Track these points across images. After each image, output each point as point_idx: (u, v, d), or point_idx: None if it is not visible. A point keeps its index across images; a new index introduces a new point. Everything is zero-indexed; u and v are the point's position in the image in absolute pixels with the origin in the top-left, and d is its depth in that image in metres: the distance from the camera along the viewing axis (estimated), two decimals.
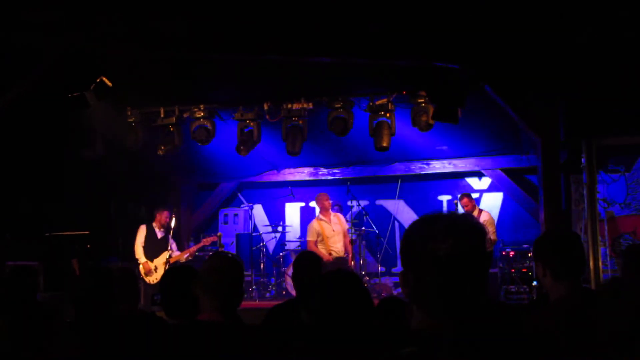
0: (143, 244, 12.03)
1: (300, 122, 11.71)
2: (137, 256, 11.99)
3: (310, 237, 12.22)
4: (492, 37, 8.95)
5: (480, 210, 12.59)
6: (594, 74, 9.29)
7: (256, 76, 11.05)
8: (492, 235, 12.13)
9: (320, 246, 11.97)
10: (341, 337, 3.09)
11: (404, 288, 2.15)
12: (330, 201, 12.41)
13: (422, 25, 8.88)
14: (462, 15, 8.76)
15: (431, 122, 11.00)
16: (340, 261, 11.90)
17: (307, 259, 6.10)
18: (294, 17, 8.83)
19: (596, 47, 9.00)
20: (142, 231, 12.14)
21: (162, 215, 12.25)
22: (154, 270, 11.88)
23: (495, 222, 13.10)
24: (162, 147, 12.34)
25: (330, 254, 11.87)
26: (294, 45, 9.11)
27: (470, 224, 2.12)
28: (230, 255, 4.04)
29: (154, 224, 12.22)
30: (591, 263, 10.19)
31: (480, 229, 2.14)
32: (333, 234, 12.10)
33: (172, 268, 4.95)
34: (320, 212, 12.36)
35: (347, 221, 12.72)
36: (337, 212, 12.75)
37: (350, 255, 12.34)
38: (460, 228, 2.09)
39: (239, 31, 8.85)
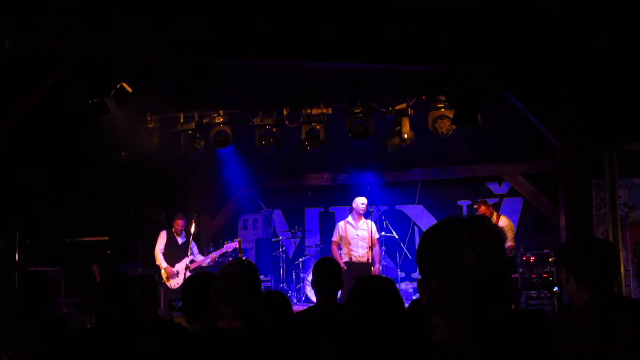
0: (163, 250, 12.06)
1: (318, 127, 11.68)
2: (157, 262, 12.02)
3: (334, 237, 12.30)
4: (513, 42, 8.90)
5: (499, 216, 12.53)
6: (615, 78, 9.23)
7: (275, 81, 11.06)
8: (510, 242, 12.07)
9: (344, 250, 11.96)
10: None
11: (424, 297, 2.09)
12: (365, 206, 12.32)
13: (441, 30, 8.86)
14: (482, 20, 8.74)
15: (451, 126, 10.95)
16: (361, 267, 11.83)
17: (326, 265, 6.09)
18: (314, 22, 8.82)
19: (617, 52, 8.94)
20: (162, 237, 12.17)
21: (176, 224, 12.27)
22: (175, 274, 11.91)
23: (515, 227, 13.04)
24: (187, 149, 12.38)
25: (350, 258, 11.83)
26: (314, 50, 9.11)
27: (494, 230, 2.07)
28: (245, 261, 4.05)
29: (173, 230, 12.25)
30: None
31: (502, 234, 2.09)
32: (357, 238, 12.04)
33: (193, 275, 4.95)
34: (352, 214, 12.34)
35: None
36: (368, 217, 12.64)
37: (378, 265, 12.24)
38: (486, 235, 2.03)
39: (259, 36, 8.85)
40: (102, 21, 8.68)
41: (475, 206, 12.62)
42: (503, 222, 12.32)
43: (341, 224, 12.29)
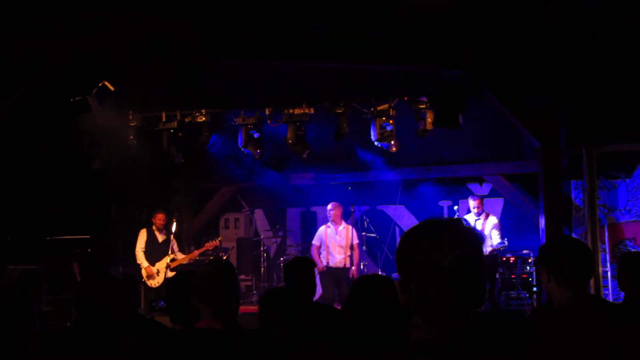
0: (144, 249, 12.02)
1: (303, 128, 11.71)
2: (138, 261, 11.97)
3: (314, 242, 12.43)
4: (494, 42, 8.96)
5: (488, 214, 12.52)
6: (595, 80, 9.30)
7: (258, 81, 11.07)
8: (499, 240, 12.06)
9: (323, 254, 12.02)
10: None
11: (403, 297, 2.11)
12: (338, 212, 12.41)
13: (423, 31, 8.90)
14: (463, 21, 8.78)
15: (432, 127, 10.98)
16: (337, 272, 12.01)
17: (297, 261, 6.14)
18: (297, 23, 8.84)
19: (598, 54, 9.01)
20: (142, 235, 12.13)
21: (157, 219, 12.21)
22: (155, 274, 11.88)
23: None
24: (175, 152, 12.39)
25: (328, 262, 11.90)
26: (297, 50, 9.12)
27: (472, 233, 2.10)
28: (221, 261, 4.07)
29: (154, 228, 12.21)
30: None
31: (480, 237, 2.11)
32: (334, 244, 12.13)
33: (177, 274, 4.95)
34: (331, 220, 12.40)
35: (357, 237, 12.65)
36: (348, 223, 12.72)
37: (355, 268, 12.27)
38: (465, 238, 2.05)
39: (242, 36, 8.86)
40: (87, 22, 8.66)
41: (473, 197, 12.62)
42: (492, 220, 12.31)
43: (322, 228, 12.42)
